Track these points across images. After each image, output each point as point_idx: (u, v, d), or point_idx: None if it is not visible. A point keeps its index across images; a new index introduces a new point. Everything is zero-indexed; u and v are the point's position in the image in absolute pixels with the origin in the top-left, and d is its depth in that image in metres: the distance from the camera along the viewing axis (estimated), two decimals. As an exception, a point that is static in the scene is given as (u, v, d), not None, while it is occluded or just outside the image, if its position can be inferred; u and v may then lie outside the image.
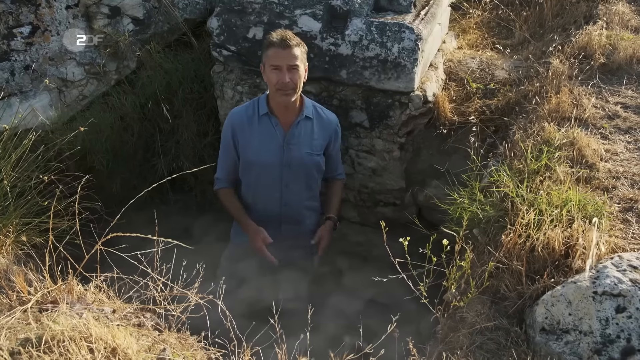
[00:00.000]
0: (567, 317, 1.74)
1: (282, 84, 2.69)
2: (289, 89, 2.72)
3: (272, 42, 2.69)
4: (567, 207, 2.07)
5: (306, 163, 2.93)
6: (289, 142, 2.88)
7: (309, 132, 2.92)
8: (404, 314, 2.45)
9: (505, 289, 1.95)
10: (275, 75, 2.70)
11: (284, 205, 2.98)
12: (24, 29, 3.34)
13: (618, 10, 3.71)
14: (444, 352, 1.76)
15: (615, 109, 2.91)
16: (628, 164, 2.53)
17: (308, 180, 2.99)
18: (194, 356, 1.78)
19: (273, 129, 2.87)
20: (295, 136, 2.89)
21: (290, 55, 2.67)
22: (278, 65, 2.68)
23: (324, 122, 2.98)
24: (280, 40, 2.67)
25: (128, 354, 1.57)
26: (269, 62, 2.71)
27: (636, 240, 2.10)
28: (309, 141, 2.92)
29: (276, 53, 2.67)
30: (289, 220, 3.02)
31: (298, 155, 2.90)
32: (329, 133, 3.00)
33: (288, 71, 2.68)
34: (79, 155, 3.50)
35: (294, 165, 2.90)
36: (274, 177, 2.92)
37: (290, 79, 2.69)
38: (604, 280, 1.74)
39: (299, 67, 2.72)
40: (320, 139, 2.96)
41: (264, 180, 2.93)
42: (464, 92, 3.65)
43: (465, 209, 2.43)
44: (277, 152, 2.88)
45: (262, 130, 2.87)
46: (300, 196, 3.00)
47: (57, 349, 1.53)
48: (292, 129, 2.88)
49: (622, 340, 1.63)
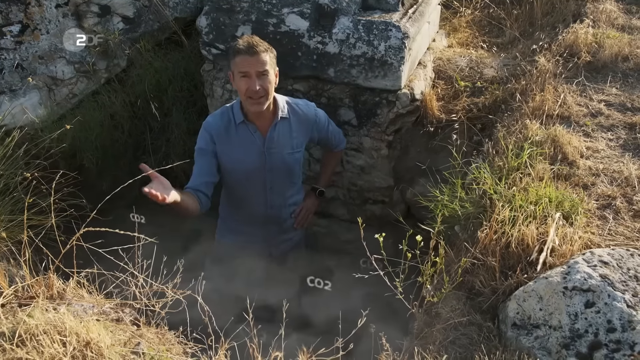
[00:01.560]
0: (538, 312, 1.76)
1: (252, 92, 2.61)
2: (260, 96, 2.64)
3: (239, 50, 2.60)
4: (543, 204, 2.09)
5: (288, 163, 2.91)
6: (269, 147, 2.83)
7: (287, 133, 2.87)
8: (390, 310, 2.48)
9: (480, 284, 1.97)
10: (244, 83, 2.61)
11: (269, 208, 2.98)
12: (13, 28, 3.36)
13: (605, 8, 3.72)
14: (416, 347, 1.78)
15: (599, 106, 2.92)
16: (608, 161, 2.55)
17: (291, 178, 2.99)
18: (170, 350, 1.80)
19: (252, 136, 2.81)
20: (275, 140, 2.84)
21: (258, 62, 2.58)
22: (247, 72, 2.59)
23: (301, 118, 2.92)
24: (247, 46, 2.59)
25: (101, 348, 1.59)
26: (237, 70, 2.61)
27: (612, 237, 2.11)
28: (288, 141, 2.88)
29: (244, 60, 2.58)
30: (274, 220, 3.03)
31: (280, 158, 2.86)
32: (309, 126, 2.95)
33: (257, 78, 2.60)
34: (69, 153, 3.54)
35: (276, 168, 2.88)
36: (258, 182, 2.89)
37: (261, 85, 2.60)
38: (574, 276, 1.76)
39: (268, 72, 2.63)
40: (300, 135, 2.92)
41: (248, 186, 2.91)
42: (452, 91, 3.67)
43: (445, 206, 2.45)
44: (258, 159, 2.84)
45: (241, 139, 2.81)
46: (284, 195, 3.00)
47: (30, 343, 1.55)
48: (270, 134, 2.82)
49: (589, 334, 1.65)
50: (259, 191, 2.92)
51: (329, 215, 3.93)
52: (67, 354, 1.51)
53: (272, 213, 3.00)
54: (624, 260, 1.82)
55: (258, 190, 2.92)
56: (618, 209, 2.27)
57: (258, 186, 2.90)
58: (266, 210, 2.97)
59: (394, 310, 2.31)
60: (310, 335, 2.20)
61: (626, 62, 3.28)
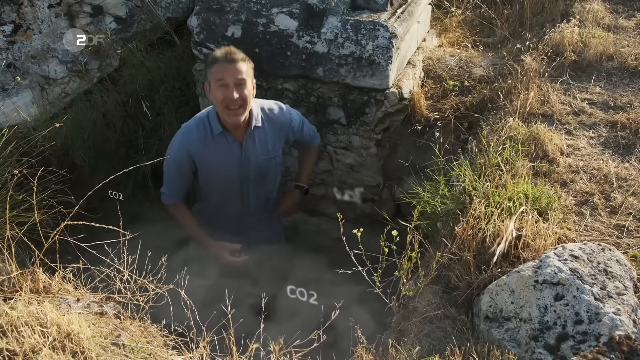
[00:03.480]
0: (509, 305, 1.80)
1: (230, 101, 2.57)
2: (238, 105, 2.60)
3: (216, 58, 2.57)
4: (519, 200, 2.13)
5: (265, 168, 2.91)
6: (246, 155, 2.83)
7: (262, 140, 2.86)
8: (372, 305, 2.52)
9: (456, 279, 2.01)
10: (221, 92, 2.57)
11: (246, 209, 3.00)
12: (6, 28, 3.41)
13: (592, 8, 3.76)
14: (390, 339, 1.82)
15: (582, 105, 2.96)
16: (589, 159, 2.58)
17: (269, 181, 3.00)
18: (151, 343, 1.84)
19: (230, 146, 2.80)
20: (250, 147, 2.82)
21: (236, 70, 2.55)
22: (224, 81, 2.55)
23: (275, 124, 2.89)
24: (224, 55, 2.57)
25: (81, 339, 1.63)
26: (214, 78, 2.58)
27: (588, 232, 2.15)
28: (264, 148, 2.87)
29: (221, 68, 2.55)
30: (252, 226, 3.05)
31: (256, 165, 2.86)
32: (284, 131, 2.94)
33: (235, 87, 2.56)
34: (62, 151, 3.58)
35: (253, 175, 2.89)
36: (235, 189, 2.91)
37: (239, 94, 2.56)
38: (545, 270, 1.80)
39: (246, 81, 2.59)
40: (276, 140, 2.91)
41: (225, 193, 2.92)
42: (441, 90, 3.71)
43: (428, 203, 2.49)
44: (236, 167, 2.83)
45: (219, 149, 2.79)
46: (261, 197, 3.02)
47: (11, 334, 1.59)
48: (246, 143, 2.80)
49: (558, 327, 1.69)
50: (236, 196, 2.94)
51: (319, 213, 3.98)
52: (46, 344, 1.55)
53: (250, 212, 3.02)
54: (595, 255, 1.86)
55: (235, 196, 2.94)
56: (595, 206, 2.31)
57: (235, 192, 2.92)
58: (242, 212, 2.99)
59: (376, 305, 2.36)
60: (292, 329, 2.24)
61: (610, 62, 3.31)
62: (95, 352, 1.61)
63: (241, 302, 2.19)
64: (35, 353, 1.54)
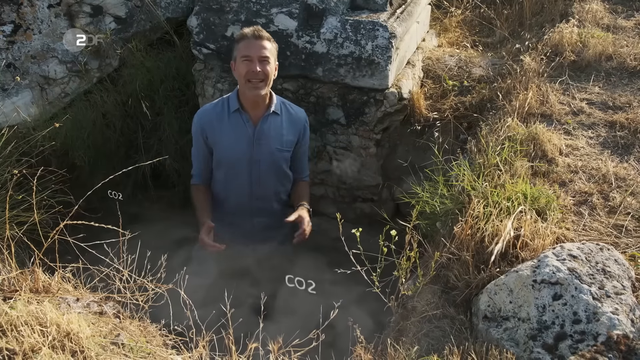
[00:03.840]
0: (508, 304, 1.80)
1: (253, 74, 2.70)
2: (259, 79, 2.72)
3: (244, 35, 2.73)
4: (518, 200, 2.13)
5: (276, 159, 2.93)
6: (258, 137, 2.87)
7: (278, 128, 2.91)
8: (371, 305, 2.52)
9: (455, 278, 2.01)
10: (245, 66, 2.71)
11: (255, 200, 2.98)
12: (5, 28, 3.42)
13: (592, 8, 3.76)
14: (388, 339, 1.82)
15: (581, 105, 2.96)
16: (587, 159, 2.59)
17: (278, 175, 3.00)
18: (150, 342, 1.84)
19: (244, 125, 2.86)
20: (265, 131, 2.88)
21: (261, 46, 2.71)
22: (249, 56, 2.69)
23: (293, 118, 2.97)
24: (252, 31, 2.72)
25: (80, 338, 1.63)
26: (240, 54, 2.72)
27: (586, 232, 2.16)
28: (278, 137, 2.91)
29: (248, 43, 2.71)
30: (261, 213, 3.02)
31: (268, 151, 2.89)
32: (298, 128, 2.99)
33: (259, 62, 2.70)
34: (62, 151, 3.59)
35: (264, 161, 2.91)
36: (244, 172, 2.92)
37: (261, 69, 2.70)
38: (543, 269, 1.80)
39: (269, 59, 2.74)
40: (290, 134, 2.95)
41: (234, 175, 2.94)
42: (441, 90, 3.71)
43: (427, 203, 2.49)
44: (247, 149, 2.88)
45: (232, 127, 2.87)
46: (271, 190, 3.01)
47: (11, 333, 1.59)
48: (261, 125, 2.87)
49: (556, 326, 1.69)
50: (244, 182, 2.94)
51: (319, 213, 3.98)
52: (46, 344, 1.55)
53: (258, 205, 3.00)
54: (593, 254, 1.86)
55: (243, 181, 2.94)
56: (594, 205, 2.31)
57: (244, 176, 2.93)
58: (251, 202, 2.98)
59: (374, 305, 2.36)
60: (290, 328, 2.25)
61: (609, 62, 3.32)
62: (95, 352, 1.61)
63: (240, 302, 2.19)
64: (35, 352, 1.55)
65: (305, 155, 3.15)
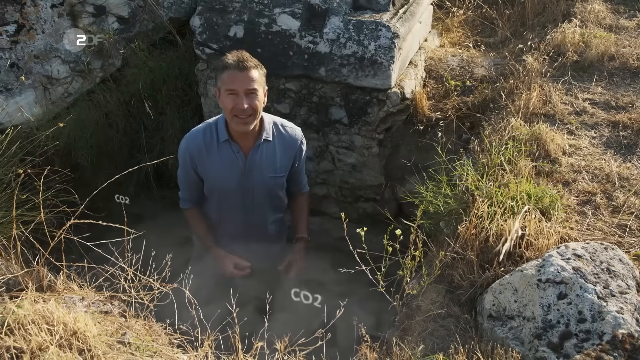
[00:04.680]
0: (512, 304, 1.81)
1: (240, 110, 2.47)
2: (247, 115, 2.50)
3: (228, 65, 2.46)
4: (522, 199, 2.14)
5: (270, 186, 2.81)
6: (250, 168, 2.72)
7: (271, 156, 2.75)
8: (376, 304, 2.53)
9: (459, 278, 2.02)
10: (231, 101, 2.47)
11: (249, 227, 2.89)
12: (9, 28, 3.42)
13: (594, 8, 3.77)
14: (393, 337, 1.83)
15: (584, 105, 2.97)
16: (591, 159, 2.59)
17: (272, 201, 2.90)
18: (156, 341, 1.85)
19: (234, 156, 2.69)
20: (257, 161, 2.72)
21: (247, 79, 2.45)
22: (234, 90, 2.45)
23: (287, 142, 2.79)
24: (236, 61, 2.45)
25: (87, 337, 1.64)
26: (225, 87, 2.48)
27: (590, 232, 2.16)
28: (271, 164, 2.76)
29: (232, 76, 2.45)
30: (256, 238, 2.93)
31: (261, 181, 2.76)
32: (294, 151, 2.83)
33: (246, 96, 2.46)
34: (65, 151, 3.59)
35: (257, 191, 2.79)
36: (236, 202, 2.81)
37: (249, 104, 2.46)
38: (548, 269, 1.81)
39: (257, 91, 2.49)
40: (285, 159, 2.80)
41: (227, 204, 2.83)
42: (443, 90, 3.72)
43: (431, 203, 2.50)
44: (238, 180, 2.73)
45: (222, 158, 2.70)
46: (264, 217, 2.92)
47: (18, 332, 1.60)
48: (252, 155, 2.70)
49: (561, 325, 1.70)
50: (237, 211, 2.84)
51: (321, 213, 3.99)
52: (53, 343, 1.56)
53: (253, 231, 2.92)
54: (598, 254, 1.87)
55: (236, 210, 2.84)
56: (597, 205, 2.32)
57: (237, 206, 2.82)
58: (245, 229, 2.89)
59: (377, 304, 2.37)
60: (295, 327, 2.25)
61: (612, 62, 3.32)
62: (102, 350, 1.62)
63: (245, 301, 2.19)
64: (42, 351, 1.55)
65: (302, 171, 3.01)
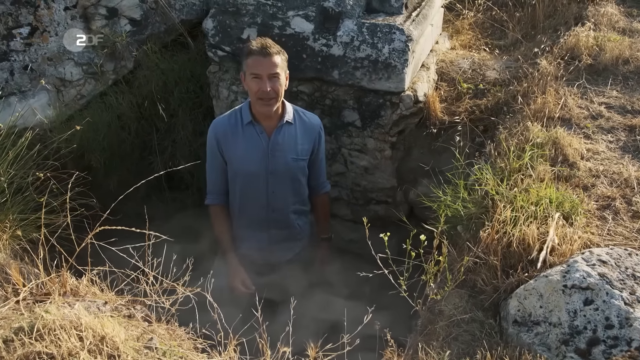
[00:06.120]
0: (538, 309, 1.81)
1: (263, 93, 2.66)
2: (270, 97, 2.69)
3: (252, 50, 2.65)
4: (543, 204, 2.14)
5: (291, 169, 2.91)
6: (273, 149, 2.85)
7: (292, 137, 2.89)
8: (392, 308, 2.53)
9: (482, 283, 2.02)
10: (255, 84, 2.67)
11: (271, 212, 2.97)
12: (23, 30, 3.42)
13: (607, 11, 3.78)
14: (419, 343, 1.83)
15: (600, 109, 2.97)
16: (608, 163, 2.60)
17: (294, 185, 2.98)
18: (181, 346, 1.85)
19: (258, 137, 2.84)
20: (279, 142, 2.86)
21: (270, 64, 2.64)
22: (258, 74, 2.65)
23: (307, 126, 2.94)
24: (260, 48, 2.64)
25: (116, 342, 1.64)
26: (249, 71, 2.67)
27: (611, 237, 2.17)
28: (293, 146, 2.89)
29: (256, 61, 2.64)
30: (277, 225, 3.01)
31: (283, 162, 2.87)
32: (313, 136, 2.96)
33: (269, 79, 2.65)
34: (77, 153, 3.59)
35: (279, 172, 2.89)
36: (260, 184, 2.90)
37: (272, 87, 2.66)
38: (573, 274, 1.81)
39: (279, 75, 2.69)
40: (305, 143, 2.93)
41: (250, 188, 2.91)
42: (455, 92, 3.72)
43: (448, 207, 2.50)
44: (262, 160, 2.85)
45: (246, 139, 2.84)
46: (287, 201, 2.99)
47: (48, 337, 1.60)
48: (275, 136, 2.85)
49: (588, 331, 1.70)
50: (260, 194, 2.92)
51: (332, 215, 3.99)
52: (84, 348, 1.56)
53: (275, 217, 2.99)
54: (622, 260, 1.87)
55: (259, 193, 2.92)
56: (617, 210, 2.32)
57: (260, 189, 2.90)
58: (268, 214, 2.97)
59: (395, 308, 2.37)
60: (309, 332, 2.25)
61: (627, 65, 3.33)
62: (131, 356, 1.62)
63: (267, 305, 2.19)
64: (73, 356, 1.56)
65: (322, 162, 3.13)
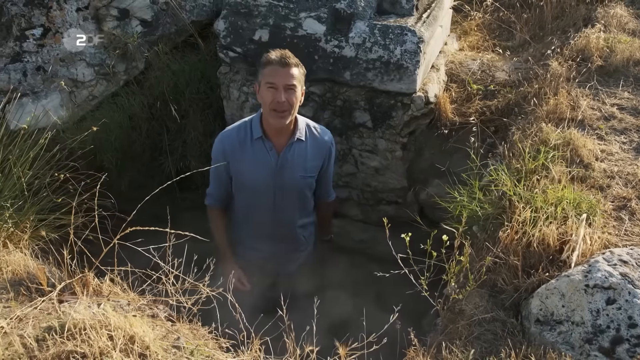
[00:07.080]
0: (560, 308, 1.83)
1: (277, 104, 2.56)
2: (284, 109, 2.58)
3: (270, 60, 2.57)
4: (562, 205, 2.16)
5: (299, 186, 2.85)
6: (281, 166, 2.76)
7: (302, 155, 2.80)
8: (408, 308, 2.55)
9: (503, 282, 2.04)
10: (270, 94, 2.56)
11: (278, 226, 2.92)
12: (35, 31, 3.44)
13: (616, 13, 3.80)
14: (443, 342, 1.85)
15: (612, 110, 3.00)
16: (623, 164, 2.62)
17: (301, 201, 2.93)
18: (206, 345, 1.87)
19: (267, 153, 2.75)
20: (288, 160, 2.77)
21: (288, 74, 2.55)
22: (274, 84, 2.54)
23: (318, 143, 2.84)
24: (279, 58, 2.56)
25: (145, 342, 1.66)
26: (265, 80, 2.57)
27: (628, 237, 2.19)
28: (302, 164, 2.80)
29: (274, 71, 2.55)
30: (284, 239, 2.98)
31: (291, 179, 2.80)
32: (324, 153, 2.88)
33: (284, 90, 2.55)
34: (90, 154, 3.61)
35: (287, 189, 2.82)
36: (266, 200, 2.83)
37: (287, 99, 2.55)
38: (595, 274, 1.83)
39: (296, 87, 2.59)
40: (315, 160, 2.85)
41: (256, 202, 2.86)
42: (465, 93, 3.74)
43: (465, 207, 2.52)
44: (269, 176, 2.77)
45: (255, 154, 2.76)
46: (293, 217, 2.94)
47: (79, 336, 1.62)
48: (285, 153, 2.76)
49: (611, 330, 1.73)
50: (266, 209, 2.86)
51: (342, 215, 4.01)
52: (115, 347, 1.58)
53: (281, 231, 2.95)
54: (643, 260, 1.90)
55: (265, 208, 2.86)
56: (633, 210, 2.35)
57: (265, 204, 2.85)
58: (274, 228, 2.92)
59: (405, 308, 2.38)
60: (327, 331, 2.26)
61: (637, 67, 3.36)
62: (161, 355, 1.64)
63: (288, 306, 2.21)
64: (104, 355, 1.57)
65: (330, 177, 3.05)
